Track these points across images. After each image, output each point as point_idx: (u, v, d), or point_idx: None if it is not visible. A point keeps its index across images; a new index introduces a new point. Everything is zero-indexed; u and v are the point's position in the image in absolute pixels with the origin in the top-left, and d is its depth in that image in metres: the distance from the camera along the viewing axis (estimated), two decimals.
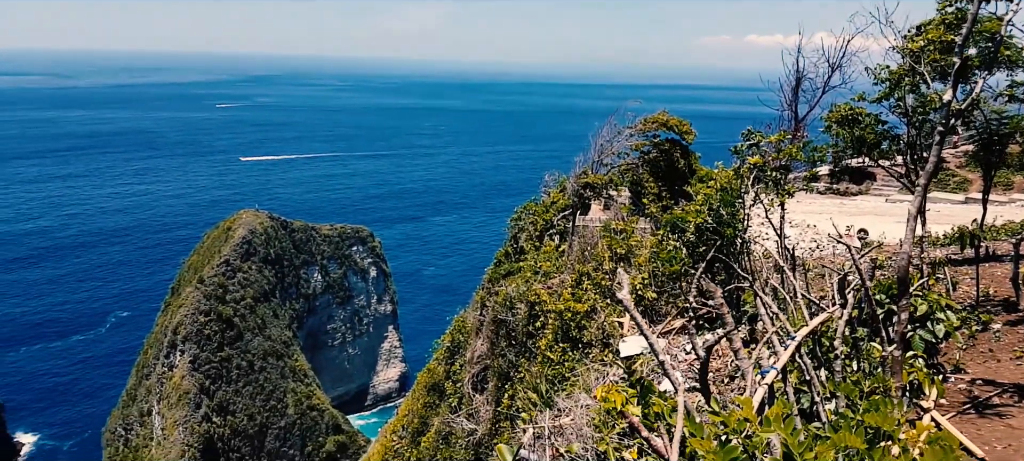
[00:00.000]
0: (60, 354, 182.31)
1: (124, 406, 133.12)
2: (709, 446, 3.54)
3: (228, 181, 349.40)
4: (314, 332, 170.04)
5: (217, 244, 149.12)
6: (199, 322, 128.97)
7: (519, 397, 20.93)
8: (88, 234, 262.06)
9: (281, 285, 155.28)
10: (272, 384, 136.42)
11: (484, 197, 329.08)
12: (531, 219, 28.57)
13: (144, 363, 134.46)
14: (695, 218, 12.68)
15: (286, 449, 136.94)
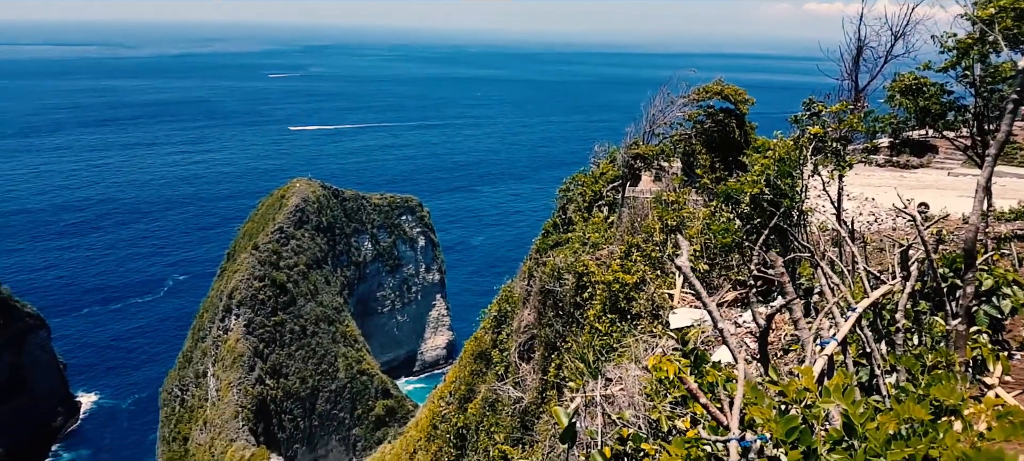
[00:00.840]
0: (119, 317, 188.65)
1: (180, 367, 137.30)
2: (768, 414, 3.47)
3: (280, 150, 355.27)
4: (364, 299, 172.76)
5: (271, 212, 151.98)
6: (254, 287, 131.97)
7: (566, 366, 20.95)
8: (146, 201, 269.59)
9: (333, 252, 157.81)
10: (323, 348, 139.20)
11: (533, 168, 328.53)
12: (580, 190, 28.38)
13: (200, 326, 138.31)
14: (751, 189, 12.41)
15: (337, 412, 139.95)
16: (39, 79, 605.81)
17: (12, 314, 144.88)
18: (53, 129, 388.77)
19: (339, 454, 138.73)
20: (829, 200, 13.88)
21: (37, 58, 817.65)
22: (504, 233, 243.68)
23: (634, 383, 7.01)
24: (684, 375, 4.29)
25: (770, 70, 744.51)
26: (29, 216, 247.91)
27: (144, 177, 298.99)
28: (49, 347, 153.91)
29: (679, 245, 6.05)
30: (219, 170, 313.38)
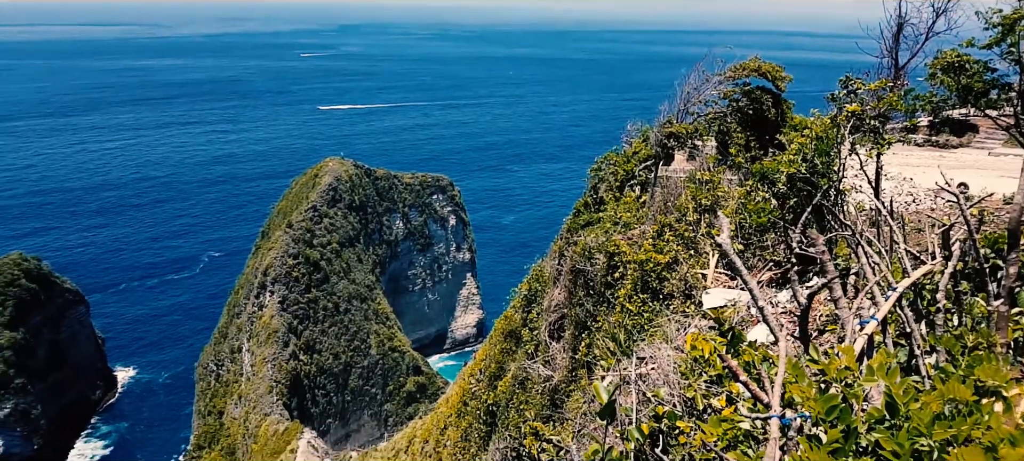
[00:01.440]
0: (156, 293, 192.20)
1: (216, 343, 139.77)
2: (809, 392, 3.44)
3: (312, 129, 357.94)
4: (396, 277, 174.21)
5: (305, 190, 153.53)
6: (288, 265, 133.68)
7: (597, 346, 20.94)
8: (181, 180, 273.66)
9: (365, 231, 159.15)
10: (356, 325, 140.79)
11: (564, 147, 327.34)
12: (611, 169, 28.21)
13: (235, 302, 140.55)
14: (788, 168, 12.24)
15: (369, 387, 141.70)
16: (76, 59, 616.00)
17: (52, 290, 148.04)
18: (90, 108, 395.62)
19: (371, 429, 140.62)
20: (866, 180, 13.66)
21: (74, 38, 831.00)
22: (535, 213, 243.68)
23: (669, 362, 6.99)
24: (726, 352, 4.26)
25: (808, 48, 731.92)
26: (67, 194, 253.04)
27: (179, 156, 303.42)
28: (88, 322, 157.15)
29: (720, 222, 5.99)
30: (252, 149, 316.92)
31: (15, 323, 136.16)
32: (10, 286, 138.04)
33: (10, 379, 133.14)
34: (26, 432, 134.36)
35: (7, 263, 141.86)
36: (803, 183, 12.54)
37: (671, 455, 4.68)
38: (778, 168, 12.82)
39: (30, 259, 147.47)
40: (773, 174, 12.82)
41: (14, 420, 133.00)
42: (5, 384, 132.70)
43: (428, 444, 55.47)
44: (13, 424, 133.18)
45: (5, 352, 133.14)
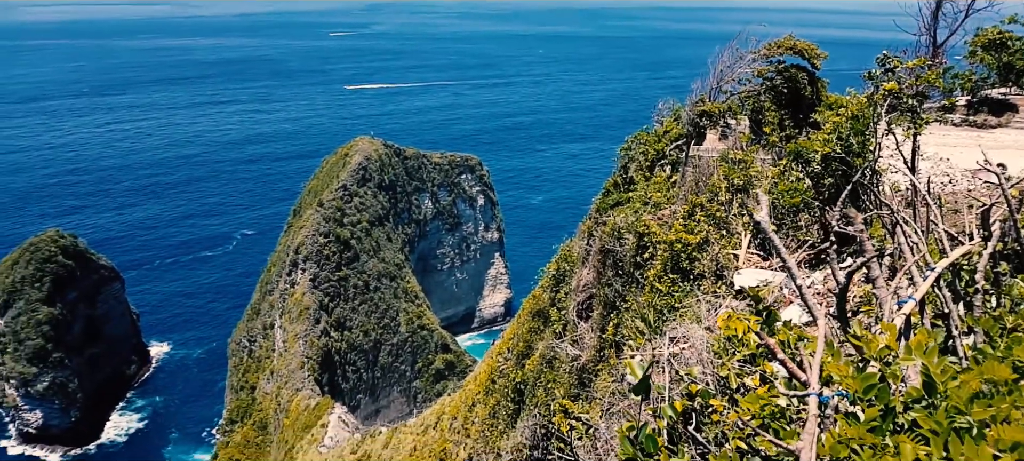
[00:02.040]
0: (189, 270, 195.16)
1: (248, 319, 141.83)
2: (846, 371, 3.44)
3: (343, 109, 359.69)
4: (424, 256, 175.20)
5: (335, 169, 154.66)
6: (319, 243, 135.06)
7: (625, 326, 20.93)
8: (215, 158, 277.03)
9: (394, 210, 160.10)
10: (386, 303, 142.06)
11: (593, 127, 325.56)
12: (642, 149, 28.02)
13: (267, 280, 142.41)
14: (822, 147, 12.08)
15: (398, 364, 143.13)
16: (109, 38, 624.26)
17: (87, 266, 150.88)
18: (124, 87, 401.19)
19: (400, 405, 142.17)
20: (902, 160, 13.44)
21: (107, 18, 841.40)
22: (563, 193, 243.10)
23: (701, 341, 6.98)
24: (761, 331, 4.25)
25: (844, 25, 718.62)
26: (102, 173, 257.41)
27: (212, 135, 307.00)
28: (123, 298, 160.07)
29: (758, 199, 5.95)
30: (283, 128, 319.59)
31: (52, 299, 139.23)
32: (47, 262, 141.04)
33: (48, 353, 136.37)
34: (63, 405, 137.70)
35: (44, 240, 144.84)
36: (838, 163, 12.37)
37: (704, 433, 4.69)
38: (813, 147, 12.66)
39: (66, 236, 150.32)
40: (808, 153, 12.66)
41: (52, 393, 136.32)
42: (43, 358, 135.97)
43: (456, 421, 55.96)
44: (51, 397, 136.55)
45: (43, 327, 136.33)
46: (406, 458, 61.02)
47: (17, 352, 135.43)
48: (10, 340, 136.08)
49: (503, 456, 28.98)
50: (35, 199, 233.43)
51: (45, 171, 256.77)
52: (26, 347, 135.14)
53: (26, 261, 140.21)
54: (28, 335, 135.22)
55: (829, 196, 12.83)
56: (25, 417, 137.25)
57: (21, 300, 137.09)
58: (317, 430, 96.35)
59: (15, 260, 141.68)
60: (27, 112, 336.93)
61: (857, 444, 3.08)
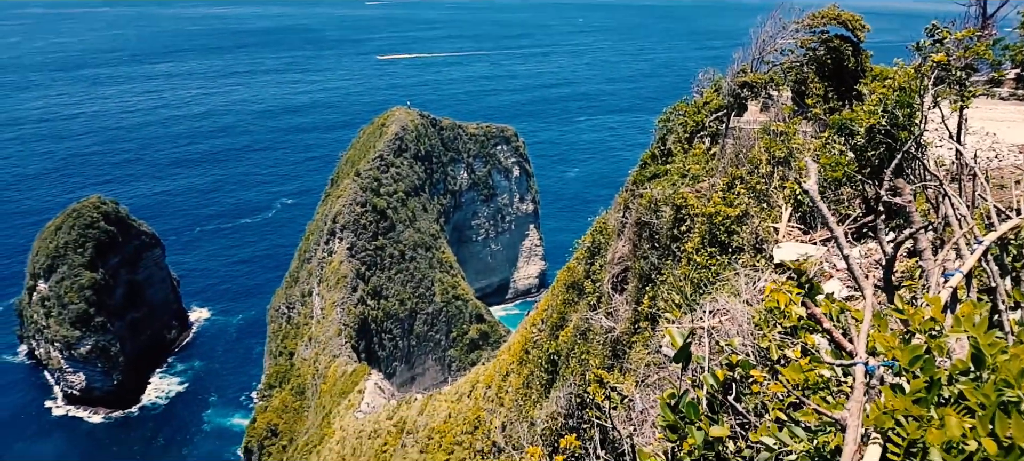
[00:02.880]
0: (229, 237, 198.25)
1: (287, 286, 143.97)
2: (892, 341, 3.42)
3: (379, 78, 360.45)
4: (459, 227, 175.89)
5: (372, 139, 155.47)
6: (356, 212, 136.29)
7: (661, 298, 20.86)
8: (254, 127, 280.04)
9: (430, 181, 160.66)
10: (421, 273, 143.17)
11: (632, 98, 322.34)
12: (681, 120, 27.71)
13: (306, 248, 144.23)
14: (867, 119, 11.85)
15: (433, 333, 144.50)
16: (147, 6, 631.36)
17: (129, 232, 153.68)
18: (164, 55, 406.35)
19: (435, 373, 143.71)
20: (948, 133, 13.13)
21: None
22: (600, 165, 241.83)
23: (742, 313, 6.96)
24: (808, 301, 4.24)
25: None
26: (143, 139, 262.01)
27: (252, 105, 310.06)
28: (163, 264, 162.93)
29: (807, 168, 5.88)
30: (321, 97, 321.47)
31: (94, 264, 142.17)
32: (90, 228, 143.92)
33: (90, 317, 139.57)
34: (106, 368, 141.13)
35: (86, 206, 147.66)
36: (883, 136, 12.13)
37: (743, 404, 4.70)
38: (858, 119, 12.42)
39: (108, 202, 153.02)
40: (852, 125, 12.43)
41: (95, 356, 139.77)
42: (86, 321, 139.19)
43: (490, 390, 56.46)
44: (94, 360, 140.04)
45: (85, 291, 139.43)
46: (441, 425, 61.81)
47: (61, 316, 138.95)
48: (54, 304, 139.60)
49: (537, 424, 29.22)
50: (77, 165, 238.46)
51: (87, 138, 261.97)
52: (69, 311, 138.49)
53: (69, 227, 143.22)
54: (71, 299, 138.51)
55: (872, 170, 12.60)
56: (69, 379, 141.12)
57: (64, 265, 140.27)
58: (354, 396, 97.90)
59: (58, 226, 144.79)
60: (70, 80, 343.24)
61: (902, 415, 3.07)
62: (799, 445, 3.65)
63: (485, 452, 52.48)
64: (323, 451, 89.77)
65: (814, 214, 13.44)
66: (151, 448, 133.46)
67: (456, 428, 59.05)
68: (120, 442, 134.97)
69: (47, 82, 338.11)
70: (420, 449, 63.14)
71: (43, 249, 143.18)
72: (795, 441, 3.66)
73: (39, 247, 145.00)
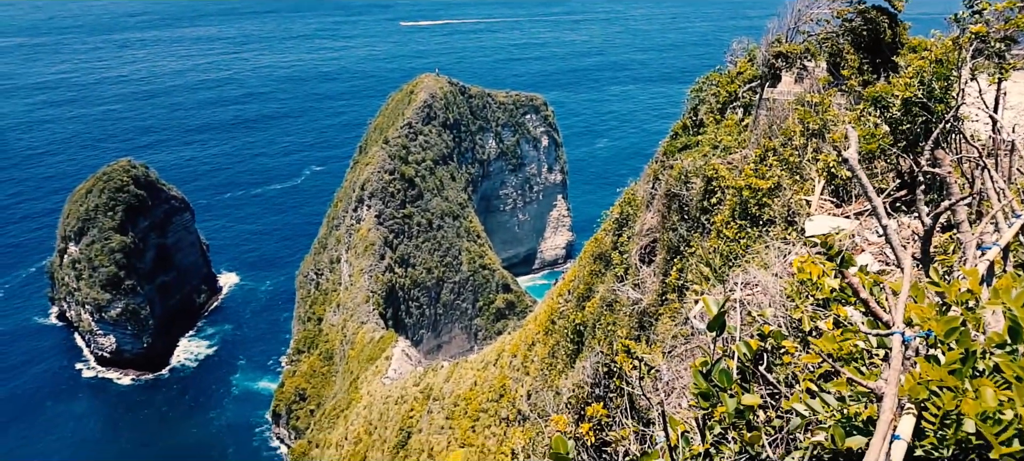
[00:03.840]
0: (259, 202, 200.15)
1: (315, 253, 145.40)
2: (929, 313, 3.42)
3: (408, 45, 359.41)
4: (487, 196, 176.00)
5: (400, 107, 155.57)
6: (384, 180, 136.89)
7: (690, 270, 20.79)
8: (284, 92, 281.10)
9: (458, 149, 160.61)
10: (448, 242, 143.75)
11: (665, 66, 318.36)
12: (713, 90, 27.42)
13: (334, 215, 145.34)
14: (903, 91, 11.66)
15: (460, 302, 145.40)
16: None
17: (158, 196, 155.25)
18: (194, 19, 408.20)
19: (461, 341, 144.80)
20: (985, 108, 12.86)
21: None
22: (630, 135, 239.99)
23: (774, 284, 6.95)
24: (844, 270, 4.23)
25: None
26: (173, 104, 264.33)
27: (279, 69, 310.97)
28: (193, 229, 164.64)
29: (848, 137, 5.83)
30: (350, 64, 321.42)
31: (124, 227, 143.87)
32: (119, 191, 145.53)
33: (120, 280, 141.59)
34: (136, 330, 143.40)
35: (116, 169, 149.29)
36: (919, 108, 11.94)
37: (774, 374, 4.72)
38: (894, 91, 12.22)
39: (138, 165, 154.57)
40: (888, 98, 12.24)
41: (124, 319, 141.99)
42: (116, 285, 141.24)
43: (516, 359, 56.84)
44: (124, 322, 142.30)
45: (116, 254, 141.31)
46: (467, 392, 62.43)
47: (91, 278, 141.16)
48: (84, 267, 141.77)
49: (563, 393, 29.39)
50: (107, 129, 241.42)
51: (118, 101, 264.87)
52: (100, 274, 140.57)
53: (99, 190, 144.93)
54: (101, 262, 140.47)
55: (907, 143, 12.41)
56: (99, 341, 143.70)
57: (94, 228, 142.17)
58: (381, 362, 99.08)
59: (88, 189, 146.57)
60: (100, 43, 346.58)
61: (937, 386, 3.08)
62: (831, 416, 3.67)
63: (510, 420, 52.99)
64: (350, 416, 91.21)
65: (848, 187, 13.29)
66: (180, 410, 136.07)
67: (482, 396, 59.63)
68: (149, 404, 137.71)
69: (79, 45, 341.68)
70: (446, 416, 63.91)
71: (74, 212, 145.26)
72: (827, 410, 3.69)
73: (70, 210, 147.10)
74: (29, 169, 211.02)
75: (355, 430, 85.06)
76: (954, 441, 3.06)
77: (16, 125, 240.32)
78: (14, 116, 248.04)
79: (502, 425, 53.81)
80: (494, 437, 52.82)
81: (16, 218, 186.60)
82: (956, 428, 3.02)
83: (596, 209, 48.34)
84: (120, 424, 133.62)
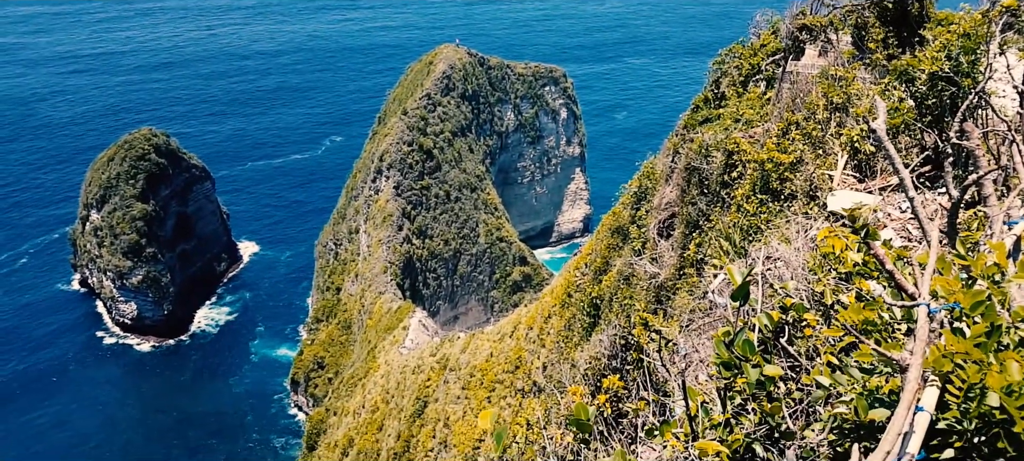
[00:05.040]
0: (280, 171, 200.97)
1: (335, 223, 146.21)
2: (955, 285, 3.40)
3: (428, 15, 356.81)
4: (505, 169, 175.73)
5: (419, 77, 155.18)
6: (402, 151, 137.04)
7: (708, 245, 20.72)
8: (304, 63, 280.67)
9: (476, 121, 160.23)
10: (466, 214, 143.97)
11: (685, 40, 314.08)
12: (736, 63, 27.11)
13: (353, 185, 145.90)
14: (930, 65, 11.48)
15: (476, 274, 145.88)
16: None
17: (179, 164, 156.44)
18: None
19: (478, 313, 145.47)
20: (1012, 83, 12.65)
21: None
22: (649, 108, 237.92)
23: (796, 257, 6.92)
24: (870, 242, 4.21)
25: None
26: (195, 74, 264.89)
27: (300, 38, 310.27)
28: (213, 197, 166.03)
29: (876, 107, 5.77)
30: (372, 34, 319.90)
31: (145, 195, 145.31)
32: (141, 160, 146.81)
33: (141, 248, 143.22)
34: (156, 297, 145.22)
35: (138, 138, 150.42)
36: (945, 83, 11.76)
37: (795, 347, 4.72)
38: (920, 65, 12.04)
39: (159, 134, 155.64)
40: (913, 72, 12.06)
41: (145, 286, 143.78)
42: (137, 252, 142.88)
43: (532, 331, 57.08)
44: (145, 289, 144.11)
45: (137, 222, 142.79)
46: (483, 363, 62.85)
47: (113, 246, 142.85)
48: (106, 234, 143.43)
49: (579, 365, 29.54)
50: (129, 97, 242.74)
51: (140, 70, 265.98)
52: (121, 241, 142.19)
53: (121, 158, 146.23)
54: (123, 230, 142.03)
55: (933, 118, 12.25)
56: (120, 308, 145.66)
57: (116, 196, 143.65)
58: (398, 332, 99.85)
59: (110, 157, 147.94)
60: (123, 12, 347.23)
61: (962, 359, 3.07)
62: (853, 388, 3.67)
63: (526, 391, 53.35)
64: (368, 384, 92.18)
65: (871, 162, 13.15)
66: (199, 376, 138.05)
67: (498, 367, 60.04)
68: (169, 370, 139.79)
69: (101, 13, 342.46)
70: (462, 386, 64.43)
71: (95, 180, 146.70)
72: (850, 381, 3.69)
73: (91, 177, 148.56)
74: (52, 138, 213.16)
75: (372, 398, 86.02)
76: (977, 414, 3.06)
77: (42, 95, 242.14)
78: (39, 86, 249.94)
79: (517, 396, 54.21)
80: (509, 408, 53.22)
81: (40, 185, 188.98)
82: (979, 401, 3.01)
83: (614, 182, 48.13)
84: (140, 389, 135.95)
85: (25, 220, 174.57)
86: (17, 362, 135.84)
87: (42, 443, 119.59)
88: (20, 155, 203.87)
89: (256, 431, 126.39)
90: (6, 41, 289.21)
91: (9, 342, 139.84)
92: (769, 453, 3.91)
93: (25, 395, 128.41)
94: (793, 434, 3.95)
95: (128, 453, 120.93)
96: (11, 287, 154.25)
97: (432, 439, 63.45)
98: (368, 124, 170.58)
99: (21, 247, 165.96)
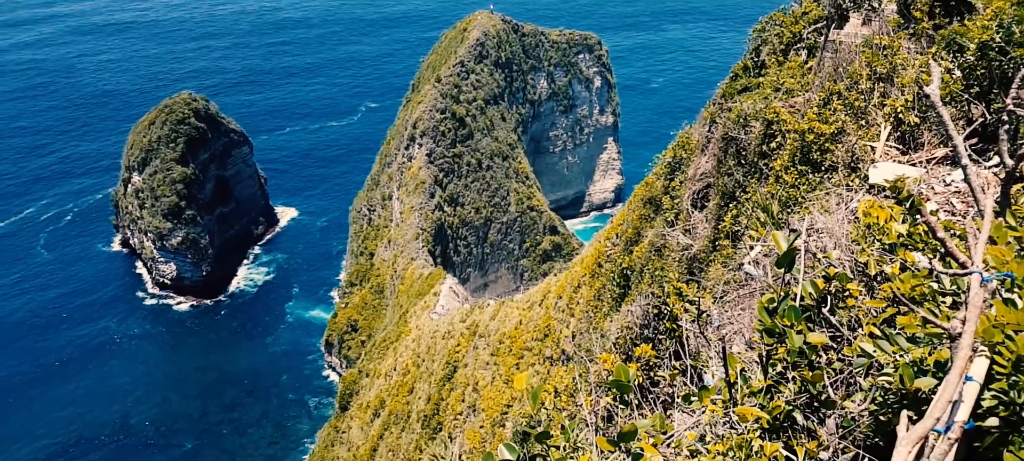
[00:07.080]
0: (316, 137, 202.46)
1: (368, 189, 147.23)
2: (1009, 255, 3.34)
3: None
4: (537, 137, 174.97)
5: (453, 44, 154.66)
6: (435, 119, 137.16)
7: (745, 216, 20.52)
8: (340, 29, 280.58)
9: (509, 89, 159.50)
10: (497, 182, 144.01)
11: (724, 5, 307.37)
12: (777, 31, 26.62)
13: (387, 152, 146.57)
14: (979, 34, 11.17)
15: (507, 242, 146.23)
16: None
17: (218, 129, 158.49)
18: None
19: (508, 281, 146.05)
20: None
21: None
22: (686, 76, 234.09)
23: (839, 228, 6.84)
24: (921, 210, 4.15)
25: None
26: (234, 37, 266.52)
27: (338, 5, 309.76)
28: (251, 162, 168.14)
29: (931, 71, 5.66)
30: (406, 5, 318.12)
31: (185, 159, 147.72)
32: (181, 124, 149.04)
33: (181, 210, 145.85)
34: (195, 259, 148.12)
35: (178, 102, 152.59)
36: (996, 53, 11.45)
37: (837, 317, 4.68)
38: (968, 35, 11.73)
39: (199, 98, 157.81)
40: (962, 41, 11.76)
41: (185, 247, 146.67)
42: (177, 214, 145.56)
43: (561, 300, 57.18)
44: (184, 251, 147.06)
45: (177, 185, 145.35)
46: (512, 331, 63.19)
47: (153, 208, 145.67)
48: (147, 196, 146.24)
49: (610, 334, 29.58)
50: (170, 62, 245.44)
51: (179, 35, 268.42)
52: (161, 203, 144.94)
53: (161, 122, 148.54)
54: (163, 192, 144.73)
55: (981, 90, 11.94)
56: (161, 268, 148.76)
57: (157, 159, 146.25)
58: (429, 298, 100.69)
59: (151, 120, 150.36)
60: None
61: (1012, 329, 3.03)
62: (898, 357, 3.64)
63: (554, 359, 53.60)
64: (399, 348, 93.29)
65: (915, 134, 12.88)
66: (236, 336, 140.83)
67: (527, 335, 60.32)
68: (207, 328, 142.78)
69: None
70: (491, 352, 64.89)
71: (137, 143, 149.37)
72: (895, 349, 3.65)
73: (133, 140, 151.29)
74: (97, 104, 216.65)
75: (404, 362, 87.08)
76: None
77: (86, 64, 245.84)
78: (87, 52, 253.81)
79: (546, 364, 54.46)
80: (537, 375, 53.54)
81: (83, 148, 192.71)
82: None
83: (648, 152, 47.84)
84: (179, 347, 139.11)
85: (68, 182, 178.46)
86: (60, 319, 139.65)
87: (83, 397, 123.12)
88: (65, 116, 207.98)
89: (291, 390, 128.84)
90: (55, 11, 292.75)
91: (53, 300, 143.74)
92: (809, 421, 3.91)
93: (67, 350, 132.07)
94: (834, 403, 3.93)
95: (166, 409, 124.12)
96: (56, 245, 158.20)
97: (461, 403, 64.14)
98: (403, 92, 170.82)
99: (66, 205, 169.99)
